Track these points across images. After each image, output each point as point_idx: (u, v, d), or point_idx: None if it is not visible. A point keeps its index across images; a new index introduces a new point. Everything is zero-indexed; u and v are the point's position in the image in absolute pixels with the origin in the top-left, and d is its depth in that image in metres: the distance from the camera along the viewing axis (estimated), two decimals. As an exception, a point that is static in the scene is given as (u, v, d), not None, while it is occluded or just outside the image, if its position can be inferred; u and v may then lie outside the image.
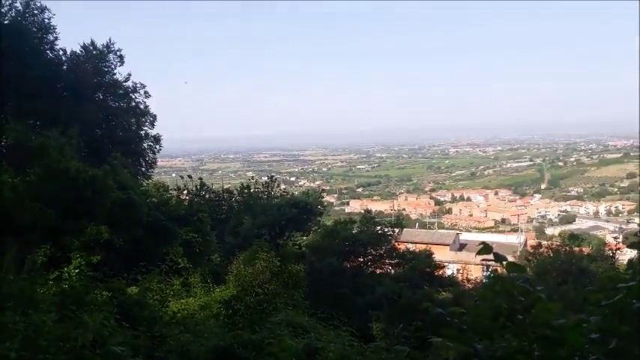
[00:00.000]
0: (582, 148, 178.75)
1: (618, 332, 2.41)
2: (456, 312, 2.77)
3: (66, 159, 14.33)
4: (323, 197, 40.11)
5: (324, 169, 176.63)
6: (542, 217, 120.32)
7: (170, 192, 26.54)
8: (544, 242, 33.17)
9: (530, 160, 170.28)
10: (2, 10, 23.25)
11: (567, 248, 26.92)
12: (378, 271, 25.97)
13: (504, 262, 2.67)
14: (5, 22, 23.13)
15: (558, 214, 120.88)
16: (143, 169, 28.93)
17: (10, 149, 16.32)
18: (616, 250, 29.41)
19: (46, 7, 24.53)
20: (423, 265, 25.50)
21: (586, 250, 29.26)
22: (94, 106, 25.66)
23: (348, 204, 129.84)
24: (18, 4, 23.68)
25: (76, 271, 10.73)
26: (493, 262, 2.78)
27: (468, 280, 27.19)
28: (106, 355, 4.51)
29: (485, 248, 2.77)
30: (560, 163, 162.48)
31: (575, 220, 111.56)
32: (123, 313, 7.39)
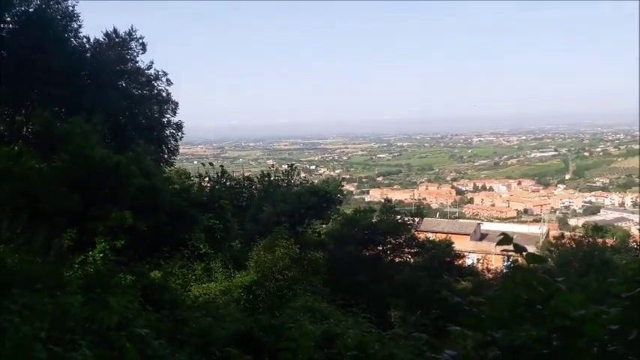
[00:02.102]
0: (609, 138, 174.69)
1: (639, 324, 2.40)
2: (475, 301, 2.78)
3: (91, 145, 14.59)
4: (343, 186, 40.18)
5: (344, 158, 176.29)
6: (566, 207, 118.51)
7: (192, 179, 26.88)
8: (567, 233, 32.67)
9: (555, 150, 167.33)
10: None
11: (590, 240, 26.52)
12: (397, 259, 25.97)
13: (524, 253, 2.67)
14: (30, 10, 23.45)
15: (582, 205, 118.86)
16: (165, 156, 29.25)
17: (37, 135, 16.68)
18: (641, 241, 28.81)
19: None
20: (442, 254, 25.42)
21: (610, 241, 28.74)
22: (117, 93, 25.97)
23: (368, 193, 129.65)
24: None
25: (101, 255, 10.97)
26: (514, 253, 2.78)
27: (489, 270, 27.04)
28: (130, 336, 4.64)
29: (505, 239, 2.77)
30: (586, 154, 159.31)
31: (599, 212, 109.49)
32: (146, 296, 7.56)
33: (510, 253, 2.83)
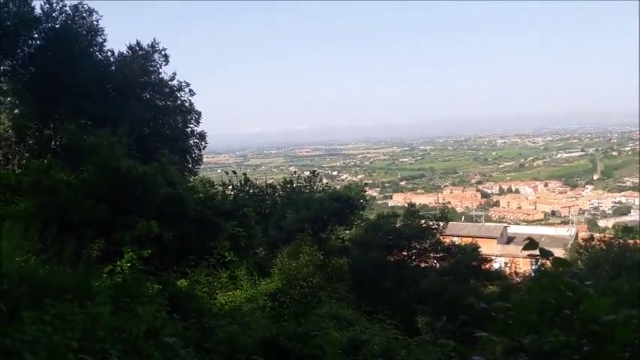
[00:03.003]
0: (638, 136, 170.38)
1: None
2: (502, 306, 2.75)
3: (117, 157, 14.88)
4: (365, 191, 39.92)
5: (366, 163, 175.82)
6: (595, 208, 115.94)
7: (216, 187, 27.11)
8: (596, 235, 31.93)
9: (582, 150, 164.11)
10: (53, 14, 24.20)
11: (621, 241, 25.91)
12: (422, 264, 25.75)
13: (551, 258, 2.64)
14: (56, 26, 24.08)
15: (612, 206, 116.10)
16: (190, 165, 29.62)
17: (65, 148, 17.06)
18: (675, 242, 27.97)
19: (93, 9, 25.37)
20: (469, 258, 25.11)
21: (641, 242, 28.01)
22: (142, 104, 26.45)
23: (391, 197, 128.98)
24: (67, 8, 24.59)
25: (128, 264, 11.16)
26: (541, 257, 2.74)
27: (516, 274, 26.60)
28: (158, 345, 4.70)
29: (531, 244, 2.74)
30: (614, 153, 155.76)
31: (630, 212, 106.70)
32: (173, 305, 7.64)
33: (539, 256, 2.80)
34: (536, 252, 2.74)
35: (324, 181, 43.44)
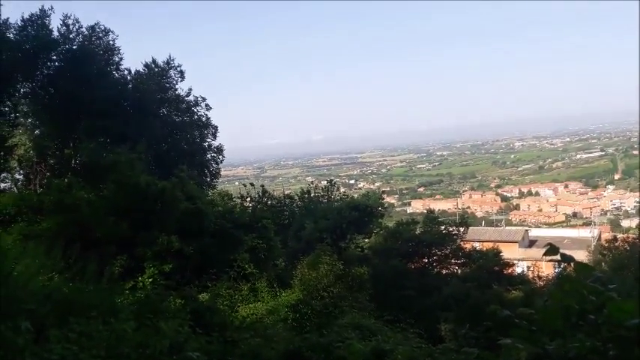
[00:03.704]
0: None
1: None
2: (525, 312, 2.73)
3: (136, 173, 15.09)
4: (383, 199, 39.80)
5: (384, 171, 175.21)
6: (617, 209, 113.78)
7: (234, 200, 27.28)
8: (619, 235, 31.37)
9: (602, 150, 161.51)
10: (70, 36, 24.74)
11: (645, 241, 25.44)
12: (444, 271, 25.52)
13: (572, 263, 2.61)
14: (74, 47, 24.60)
15: (635, 205, 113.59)
16: (208, 179, 29.91)
17: (85, 167, 17.36)
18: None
19: (110, 29, 25.94)
20: (491, 263, 24.81)
21: (666, 241, 27.46)
22: (159, 121, 26.85)
23: (409, 204, 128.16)
24: (84, 30, 25.14)
25: (150, 280, 11.26)
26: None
27: (540, 278, 26.18)
28: (182, 360, 4.74)
29: (552, 249, 2.71)
30: (635, 152, 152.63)
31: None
32: (196, 319, 7.69)
33: (560, 261, 2.77)
34: (557, 257, 2.71)
35: (342, 190, 43.45)
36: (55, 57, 24.53)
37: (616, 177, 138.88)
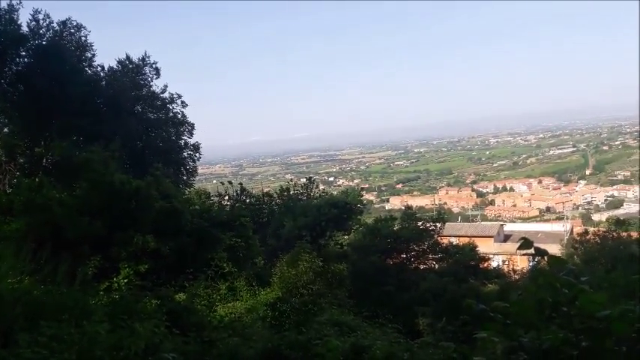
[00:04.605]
0: (628, 130, 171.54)
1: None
2: (500, 306, 2.75)
3: (110, 172, 14.81)
4: (362, 195, 39.98)
5: (362, 168, 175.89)
6: (588, 203, 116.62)
7: (212, 198, 27.06)
8: (591, 229, 32.09)
9: (574, 146, 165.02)
10: (40, 31, 24.07)
11: (615, 234, 26.07)
12: (421, 266, 25.73)
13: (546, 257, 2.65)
14: (44, 43, 23.97)
15: (605, 200, 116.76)
16: (184, 177, 29.55)
17: (57, 166, 16.97)
18: (668, 233, 28.20)
19: (82, 25, 25.27)
20: (467, 258, 25.13)
21: (635, 235, 28.21)
22: (134, 118, 26.39)
23: (388, 201, 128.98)
24: (55, 25, 24.50)
25: (125, 280, 11.08)
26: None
27: (515, 271, 26.65)
28: (157, 361, 4.65)
29: (526, 243, 2.75)
30: (605, 147, 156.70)
31: (622, 205, 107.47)
32: (172, 319, 7.58)
33: (534, 255, 2.80)
34: (531, 251, 2.75)
35: (321, 187, 43.42)
36: (24, 53, 23.87)
37: (587, 172, 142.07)
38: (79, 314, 6.16)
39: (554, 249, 30.59)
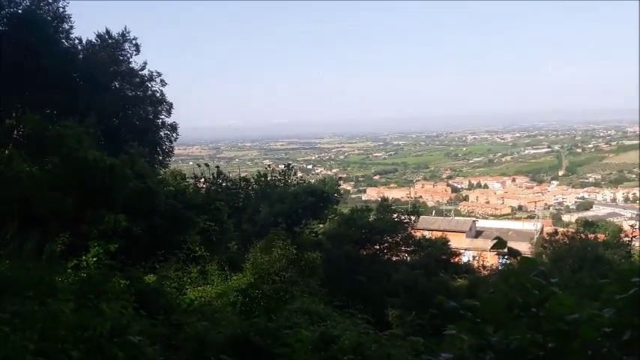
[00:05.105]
0: (601, 134, 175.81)
1: (632, 325, 2.39)
2: (470, 304, 2.76)
3: (84, 148, 14.48)
4: (340, 185, 40.12)
5: (341, 157, 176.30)
6: (559, 204, 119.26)
7: (187, 180, 26.73)
8: (560, 229, 32.83)
9: (548, 147, 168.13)
10: None
11: (583, 235, 26.70)
12: (394, 258, 26.01)
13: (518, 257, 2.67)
14: (19, 11, 23.18)
15: (575, 201, 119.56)
16: (160, 157, 29.09)
17: (28, 139, 16.53)
18: (632, 237, 29.04)
19: None
20: (439, 252, 25.50)
21: (602, 237, 28.98)
22: (111, 95, 25.79)
23: (364, 192, 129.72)
24: None
25: (94, 259, 10.86)
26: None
27: (484, 267, 27.14)
28: (123, 344, 4.57)
29: (499, 243, 2.76)
30: (579, 150, 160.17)
31: (592, 207, 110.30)
32: (140, 301, 7.48)
33: (506, 254, 2.82)
34: (505, 250, 2.76)
35: (299, 174, 43.38)
36: (-2, 21, 23.06)
37: (560, 173, 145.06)
38: (44, 291, 6.04)
39: (524, 247, 31.22)
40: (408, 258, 25.98)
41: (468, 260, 30.96)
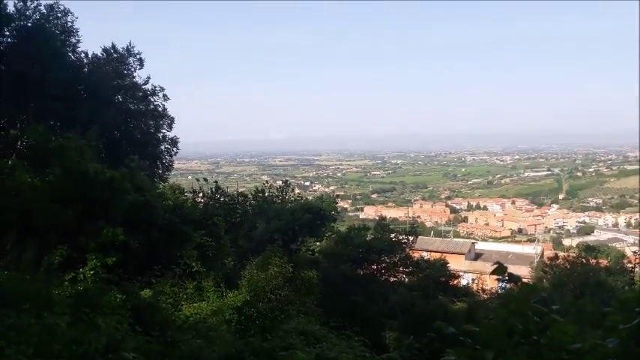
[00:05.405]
0: (602, 158, 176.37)
1: (636, 356, 2.36)
2: (470, 330, 2.74)
3: (85, 160, 14.50)
4: (337, 203, 39.93)
5: (339, 175, 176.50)
6: (560, 227, 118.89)
7: (186, 195, 26.69)
8: (561, 253, 32.61)
9: (549, 170, 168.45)
10: (27, 12, 23.58)
11: (584, 260, 26.46)
12: (391, 279, 25.78)
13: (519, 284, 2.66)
14: (29, 24, 23.46)
15: (576, 225, 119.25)
16: (160, 171, 29.15)
17: (31, 150, 16.56)
18: (636, 263, 28.78)
19: (69, 10, 24.89)
20: (437, 274, 25.28)
21: (604, 262, 28.71)
22: (114, 108, 25.95)
23: (362, 210, 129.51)
24: (42, 8, 24.04)
25: (92, 272, 10.81)
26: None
27: (483, 291, 26.87)
28: (118, 360, 4.53)
29: (499, 269, 2.74)
30: (579, 174, 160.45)
31: (593, 232, 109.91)
32: (136, 316, 7.43)
33: (506, 280, 2.81)
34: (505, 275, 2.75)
35: (297, 191, 43.28)
36: (8, 33, 23.30)
37: (560, 197, 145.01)
38: (41, 304, 5.99)
39: (525, 271, 31.05)
40: (406, 279, 25.75)
41: (467, 283, 30.76)
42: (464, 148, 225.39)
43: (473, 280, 31.93)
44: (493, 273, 2.84)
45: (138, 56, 27.94)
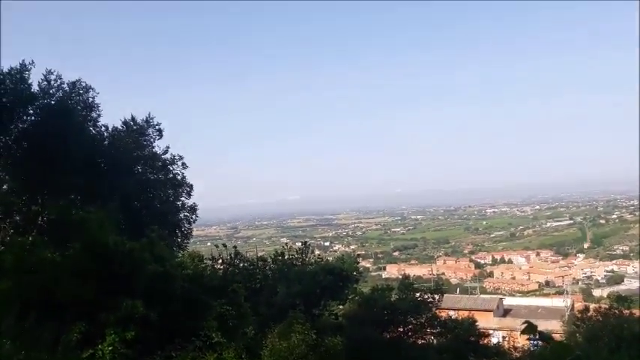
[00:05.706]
0: (623, 204, 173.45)
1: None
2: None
3: (104, 233, 14.56)
4: (358, 262, 39.29)
5: (359, 233, 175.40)
6: (588, 277, 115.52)
7: (205, 261, 26.51)
8: (591, 305, 31.40)
9: (571, 219, 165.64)
10: (50, 91, 24.52)
11: (617, 311, 25.45)
12: (419, 341, 24.90)
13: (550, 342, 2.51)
14: (52, 102, 24.36)
15: (605, 275, 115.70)
16: (179, 239, 29.15)
17: (51, 225, 16.74)
18: (671, 311, 27.56)
19: (90, 86, 25.76)
20: (466, 333, 24.39)
21: (637, 312, 27.55)
22: (133, 178, 26.36)
23: (384, 269, 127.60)
24: (65, 85, 25.00)
25: (110, 348, 10.58)
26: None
27: (515, 349, 25.82)
28: None
29: (529, 327, 2.65)
30: (602, 221, 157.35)
31: (623, 281, 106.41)
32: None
33: (538, 340, 2.65)
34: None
35: (317, 252, 42.73)
36: (32, 111, 24.18)
37: (585, 246, 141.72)
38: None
39: (556, 325, 29.84)
40: (434, 341, 24.85)
41: (498, 341, 29.59)
42: (483, 200, 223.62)
43: (503, 337, 30.75)
44: (524, 332, 2.77)
45: (157, 127, 28.60)
